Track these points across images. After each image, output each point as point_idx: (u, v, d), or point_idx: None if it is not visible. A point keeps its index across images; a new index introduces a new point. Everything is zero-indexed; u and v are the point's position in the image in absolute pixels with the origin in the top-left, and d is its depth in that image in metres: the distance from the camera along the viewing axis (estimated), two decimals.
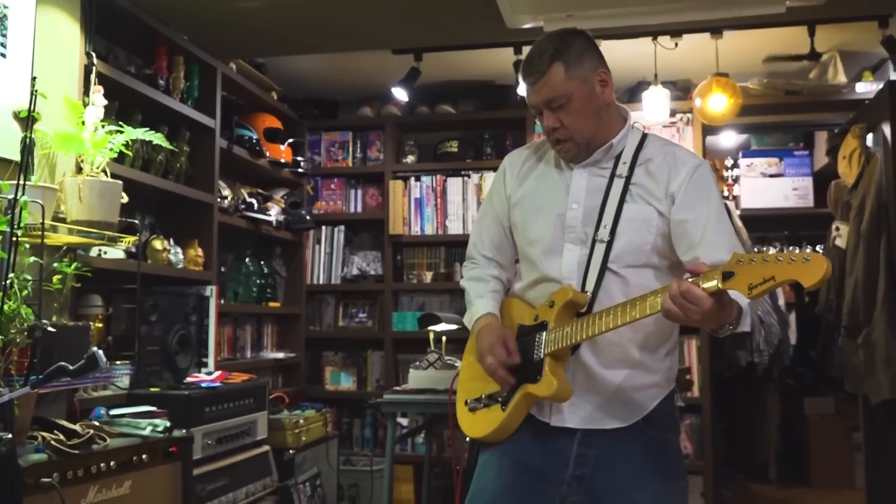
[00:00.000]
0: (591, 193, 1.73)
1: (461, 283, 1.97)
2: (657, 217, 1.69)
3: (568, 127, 1.70)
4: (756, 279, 1.33)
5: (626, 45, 3.75)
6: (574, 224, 1.73)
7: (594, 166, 1.76)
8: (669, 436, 1.75)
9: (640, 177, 1.71)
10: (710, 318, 1.42)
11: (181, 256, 3.23)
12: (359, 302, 4.68)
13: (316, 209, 4.66)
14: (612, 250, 1.67)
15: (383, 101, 4.70)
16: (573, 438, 1.71)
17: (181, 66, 3.27)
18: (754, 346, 5.07)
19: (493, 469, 1.76)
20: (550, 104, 1.69)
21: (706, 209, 1.66)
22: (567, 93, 1.68)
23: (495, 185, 1.92)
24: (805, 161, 5.38)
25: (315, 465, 3.62)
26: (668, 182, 1.69)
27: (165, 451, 2.33)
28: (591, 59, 1.72)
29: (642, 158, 1.73)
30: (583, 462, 1.70)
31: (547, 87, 1.68)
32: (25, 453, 1.91)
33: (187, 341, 3.04)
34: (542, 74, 1.68)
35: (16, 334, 2.03)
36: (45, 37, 2.50)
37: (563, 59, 1.68)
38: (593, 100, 1.71)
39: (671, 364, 1.77)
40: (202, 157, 3.45)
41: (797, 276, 1.31)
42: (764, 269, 1.33)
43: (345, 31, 3.41)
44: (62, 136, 2.45)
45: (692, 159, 1.73)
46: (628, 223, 1.68)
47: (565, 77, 1.67)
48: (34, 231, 2.21)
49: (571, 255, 1.72)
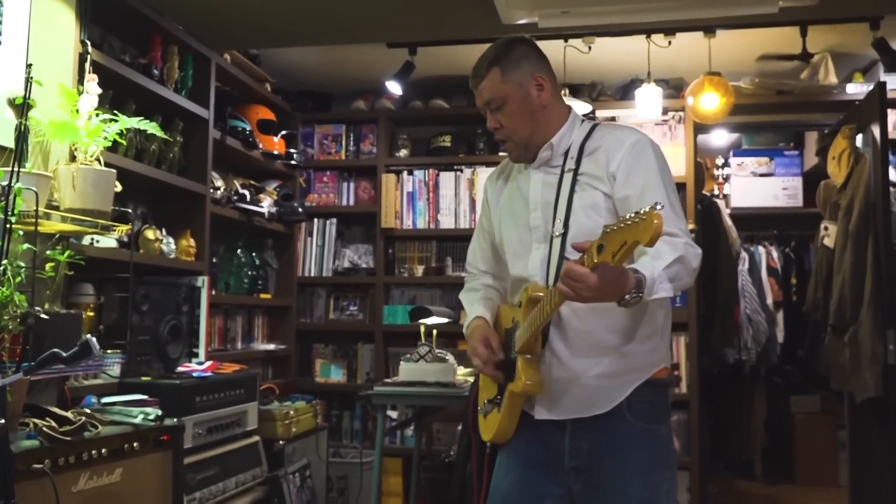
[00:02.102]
0: (546, 192, 1.82)
1: (459, 296, 2.08)
2: (603, 199, 1.74)
3: (506, 127, 1.82)
4: (615, 247, 1.35)
5: (620, 42, 3.78)
6: (537, 224, 1.82)
7: (546, 165, 1.85)
8: (657, 427, 1.77)
9: (586, 165, 1.78)
10: (605, 293, 1.45)
11: (173, 246, 3.23)
12: (350, 295, 4.69)
13: (308, 201, 4.66)
14: (568, 241, 1.73)
15: (377, 95, 4.70)
16: (564, 432, 1.77)
17: (176, 56, 3.27)
18: (742, 344, 5.12)
19: (503, 468, 1.85)
20: (489, 105, 1.82)
21: (642, 182, 1.70)
22: (503, 95, 1.79)
23: (483, 205, 2.05)
24: (795, 161, 5.42)
25: (304, 457, 3.64)
26: (609, 162, 1.74)
27: (156, 440, 2.33)
28: (530, 64, 1.81)
29: (588, 149, 1.80)
30: (577, 455, 1.76)
31: (485, 90, 1.81)
32: (17, 439, 1.91)
33: (178, 331, 3.05)
34: (481, 79, 1.81)
35: (9, 321, 2.04)
36: (40, 24, 2.49)
37: (499, 65, 1.79)
38: (529, 102, 1.80)
39: (654, 346, 1.78)
40: (195, 147, 3.45)
41: (637, 237, 1.32)
42: (621, 234, 1.34)
43: (340, 23, 3.41)
44: (56, 123, 2.45)
45: (630, 136, 1.77)
46: (579, 211, 1.75)
47: (501, 81, 1.79)
48: (28, 218, 2.21)
49: (536, 253, 1.81)
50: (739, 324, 5.09)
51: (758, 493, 5.07)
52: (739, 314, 5.11)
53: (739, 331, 5.09)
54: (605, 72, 4.35)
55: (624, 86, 4.46)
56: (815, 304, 3.96)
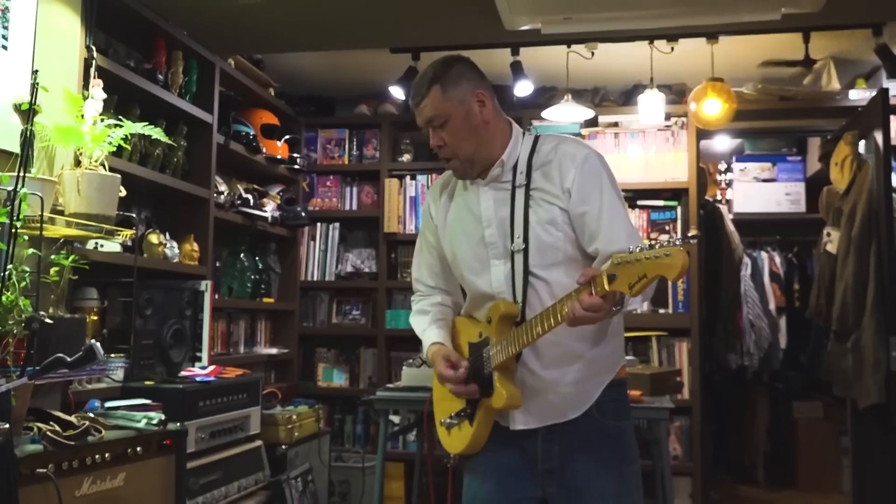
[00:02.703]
0: (499, 208, 1.84)
1: (409, 319, 2.08)
2: (560, 213, 1.78)
3: (450, 145, 1.82)
4: (633, 279, 1.44)
5: (623, 48, 3.78)
6: (493, 241, 1.84)
7: (496, 181, 1.86)
8: (624, 424, 1.86)
9: (538, 181, 1.82)
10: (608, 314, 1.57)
11: (177, 251, 3.24)
12: (352, 299, 4.70)
13: (311, 206, 4.68)
14: (530, 256, 1.78)
15: (380, 100, 4.72)
16: (537, 438, 1.83)
17: (180, 61, 3.28)
18: (744, 350, 5.11)
19: (478, 476, 1.91)
20: (431, 123, 1.82)
21: (599, 199, 1.76)
22: (445, 113, 1.80)
23: (424, 221, 2.05)
24: (798, 167, 5.42)
25: (307, 461, 3.64)
26: (562, 179, 1.78)
27: (160, 444, 2.34)
28: (469, 81, 1.83)
29: (536, 163, 1.83)
30: (549, 457, 1.82)
31: (427, 108, 1.81)
32: (21, 444, 1.92)
33: (181, 335, 3.05)
34: (422, 97, 1.82)
35: (13, 325, 2.04)
36: (45, 30, 2.51)
37: (440, 83, 1.80)
38: (471, 119, 1.81)
39: (614, 348, 1.85)
40: (199, 152, 3.47)
41: (662, 272, 1.40)
42: (637, 268, 1.43)
43: (343, 29, 3.43)
44: (61, 129, 2.46)
45: (580, 152, 1.81)
46: (537, 226, 1.79)
47: (442, 98, 1.80)
48: (33, 223, 2.22)
49: (498, 269, 1.83)
50: (742, 329, 5.09)
51: (760, 498, 5.06)
52: (742, 320, 5.10)
53: (742, 336, 5.09)
54: (608, 77, 4.36)
55: (626, 91, 4.47)
56: (817, 310, 3.96)
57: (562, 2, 2.86)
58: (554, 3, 2.88)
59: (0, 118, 2.31)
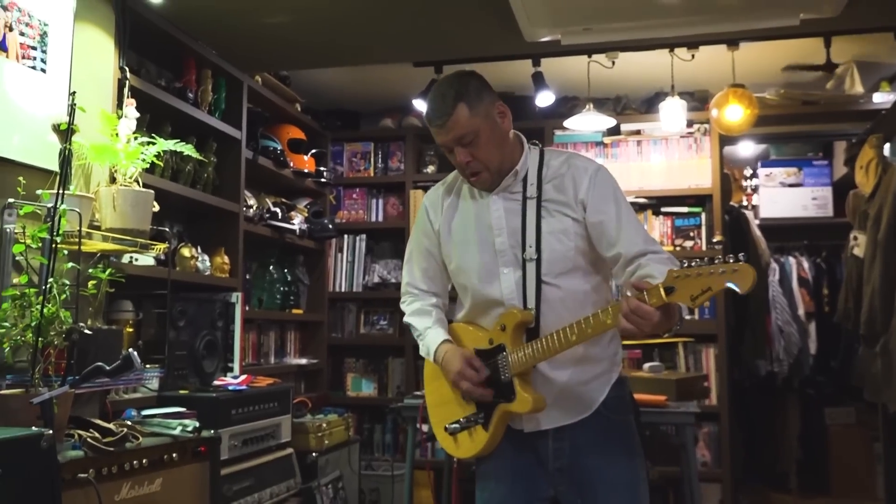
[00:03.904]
0: (511, 218, 1.89)
1: (404, 320, 2.11)
2: (573, 224, 1.85)
3: (479, 159, 1.84)
4: (696, 291, 1.52)
5: (643, 56, 3.81)
6: (503, 249, 1.88)
7: (506, 192, 1.91)
8: (627, 418, 1.92)
9: (550, 193, 1.88)
10: (659, 328, 1.59)
11: (208, 264, 3.32)
12: (380, 309, 4.76)
13: (338, 218, 4.75)
14: (542, 265, 1.83)
15: (404, 113, 4.79)
16: (547, 438, 1.88)
17: (209, 79, 3.38)
18: (773, 356, 5.08)
19: (490, 481, 1.95)
20: (461, 141, 1.83)
21: (614, 207, 1.83)
22: (474, 129, 1.82)
23: (420, 225, 2.06)
24: (824, 171, 5.39)
25: (337, 469, 3.69)
26: (576, 191, 1.85)
27: (194, 451, 2.40)
28: (489, 95, 1.87)
29: (547, 176, 1.89)
30: (559, 455, 1.88)
31: (456, 126, 1.81)
32: (63, 450, 1.99)
33: (214, 346, 3.13)
34: (448, 116, 1.81)
35: (55, 336, 2.12)
36: (81, 52, 2.61)
37: (465, 100, 1.81)
38: (497, 131, 1.86)
39: (615, 349, 1.93)
40: (228, 167, 3.56)
41: (731, 285, 1.48)
42: (700, 281, 1.51)
43: (367, 44, 3.50)
44: (97, 147, 2.56)
45: (590, 165, 1.89)
46: (550, 237, 1.85)
47: (470, 115, 1.81)
48: (72, 238, 2.31)
49: (508, 277, 1.87)
50: (771, 335, 5.06)
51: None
52: (770, 326, 5.07)
53: (771, 342, 5.06)
54: (630, 85, 4.39)
55: (648, 99, 4.49)
56: (845, 314, 3.93)
57: (580, 13, 2.90)
58: (573, 14, 2.92)
59: (40, 138, 2.41)
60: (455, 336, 1.99)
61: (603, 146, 4.44)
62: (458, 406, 1.94)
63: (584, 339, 1.72)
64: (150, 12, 2.92)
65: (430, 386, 2.05)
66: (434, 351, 1.96)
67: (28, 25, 2.38)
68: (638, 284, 1.59)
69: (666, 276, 1.55)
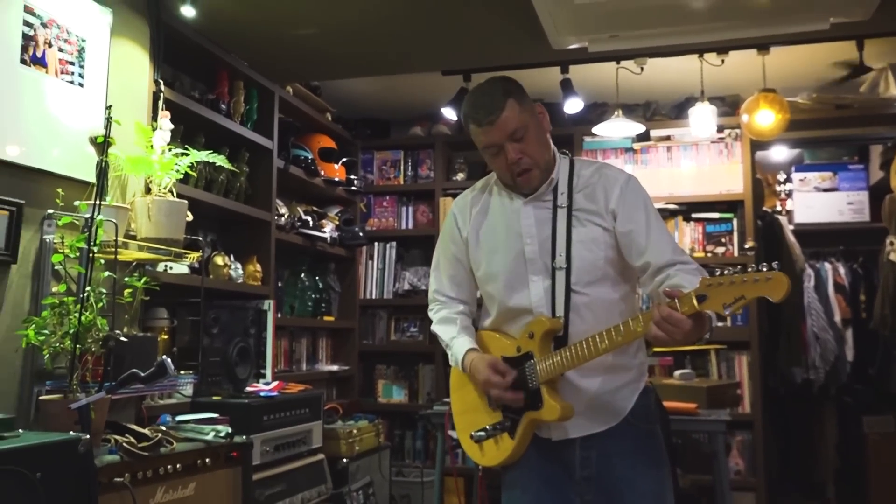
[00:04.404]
0: (541, 226, 1.90)
1: (432, 328, 2.13)
2: (603, 233, 1.87)
3: (530, 155, 1.87)
4: (728, 299, 1.53)
5: (672, 62, 3.80)
6: (533, 257, 1.89)
7: (537, 200, 1.92)
8: (653, 427, 1.92)
9: (581, 202, 1.89)
10: (690, 336, 1.60)
11: (241, 272, 3.38)
12: (410, 316, 4.79)
13: (368, 226, 4.80)
14: (572, 273, 1.84)
15: (433, 121, 4.82)
16: (574, 446, 1.88)
17: (241, 90, 3.44)
18: (809, 363, 5.00)
19: (517, 490, 1.95)
20: (514, 136, 1.85)
21: (644, 217, 1.86)
22: (524, 124, 1.85)
23: (448, 232, 2.07)
24: (860, 175, 5.29)
25: (368, 475, 3.72)
26: (607, 201, 1.87)
27: (227, 456, 2.45)
28: (528, 95, 1.91)
29: (578, 185, 1.91)
30: (587, 464, 1.88)
31: (508, 121, 1.84)
32: (100, 454, 2.05)
33: (246, 353, 3.18)
34: (501, 111, 1.84)
35: (92, 343, 2.18)
36: (117, 66, 2.68)
37: (514, 96, 1.86)
38: (541, 129, 1.91)
39: (642, 359, 1.95)
40: (261, 176, 3.62)
41: (765, 293, 1.49)
42: (734, 289, 1.52)
43: (396, 54, 3.54)
44: (133, 159, 2.62)
45: (621, 175, 1.92)
46: (580, 245, 1.86)
47: (520, 110, 1.85)
48: (108, 247, 2.37)
49: (537, 285, 1.88)
50: (806, 342, 4.98)
51: None
52: (806, 332, 4.99)
53: (806, 349, 4.98)
54: (659, 91, 4.37)
55: (679, 104, 4.47)
56: (882, 320, 3.87)
57: (607, 20, 2.90)
58: (599, 21, 2.92)
59: (78, 151, 2.48)
60: (482, 344, 2.00)
61: (632, 152, 4.43)
62: (483, 414, 1.95)
63: (614, 347, 1.73)
64: (184, 26, 2.99)
65: (457, 394, 2.06)
66: (461, 360, 1.97)
67: (67, 42, 2.45)
68: (670, 293, 1.61)
69: (698, 285, 1.57)
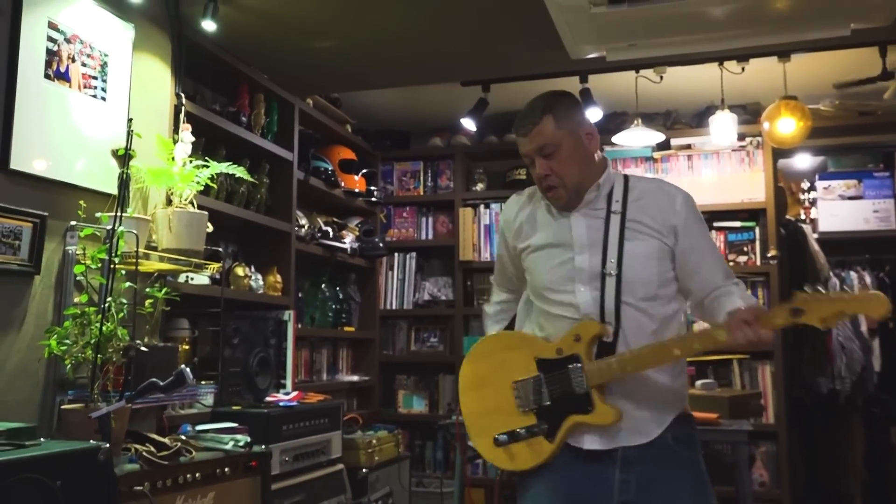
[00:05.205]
0: (592, 234, 1.89)
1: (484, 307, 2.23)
2: (660, 248, 1.86)
3: (557, 173, 1.87)
4: (827, 313, 1.62)
5: (693, 70, 3.79)
6: (583, 267, 1.87)
7: (587, 208, 1.91)
8: (697, 456, 1.87)
9: (635, 213, 1.88)
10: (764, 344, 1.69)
11: (261, 282, 3.41)
12: (430, 326, 4.79)
13: (389, 237, 4.82)
14: (623, 284, 1.83)
15: (453, 132, 4.84)
16: (614, 465, 1.81)
17: (262, 103, 3.48)
18: (835, 373, 4.92)
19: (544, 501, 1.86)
20: (542, 151, 1.86)
21: (704, 238, 1.90)
22: (556, 141, 1.85)
23: (501, 233, 2.11)
24: (886, 182, 5.21)
25: (387, 485, 3.72)
26: (666, 215, 1.87)
27: (246, 466, 2.46)
28: (579, 114, 1.92)
29: (633, 196, 1.90)
30: (626, 488, 1.80)
31: (539, 136, 1.86)
32: (120, 463, 2.07)
33: (267, 363, 3.20)
34: (534, 125, 1.87)
35: (112, 353, 2.21)
36: (139, 80, 2.72)
37: (552, 113, 1.87)
38: (580, 149, 1.88)
39: (683, 383, 1.94)
40: (281, 188, 3.65)
41: (864, 310, 1.61)
42: (833, 305, 1.62)
43: (415, 65, 3.56)
44: (154, 171, 2.66)
45: (679, 192, 1.92)
46: (633, 260, 1.84)
47: (555, 127, 1.86)
48: (129, 258, 2.41)
49: (585, 293, 1.86)
50: (832, 352, 4.90)
51: None
52: (832, 342, 4.92)
53: (832, 359, 4.90)
54: (680, 100, 4.35)
55: (699, 113, 4.44)
56: None
57: (624, 29, 2.90)
58: (617, 30, 2.91)
59: (101, 163, 2.52)
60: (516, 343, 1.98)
61: (653, 161, 4.41)
62: (509, 416, 1.89)
63: (689, 353, 1.76)
64: (205, 40, 3.03)
65: (474, 393, 1.98)
66: None
67: (90, 56, 2.50)
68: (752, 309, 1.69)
69: (794, 298, 1.65)
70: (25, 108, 2.26)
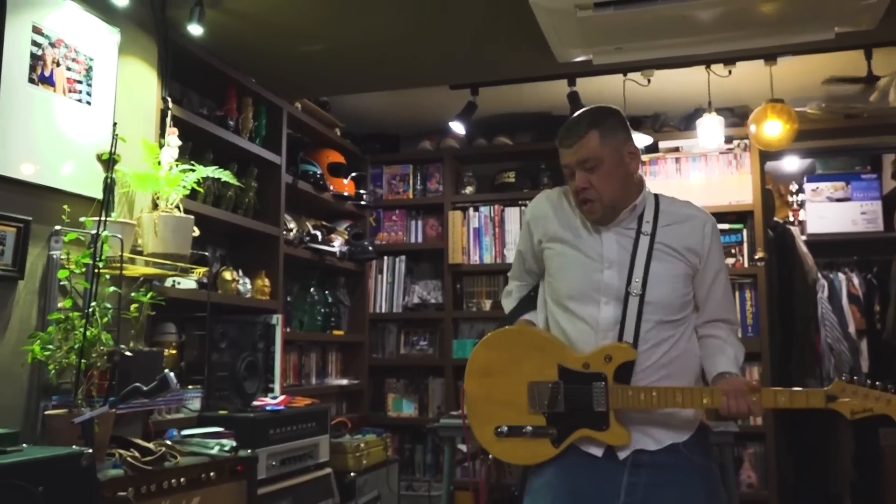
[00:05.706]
0: (621, 252, 1.89)
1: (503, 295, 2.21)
2: (685, 271, 1.90)
3: (596, 188, 1.87)
4: (858, 407, 1.75)
5: (680, 73, 3.80)
6: (610, 282, 1.87)
7: (619, 226, 1.92)
8: (709, 464, 1.87)
9: (664, 235, 1.90)
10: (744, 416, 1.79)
11: (249, 286, 3.40)
12: (420, 330, 4.79)
13: (378, 240, 4.82)
14: (646, 304, 1.84)
15: (442, 135, 4.84)
16: (623, 467, 1.81)
17: (250, 107, 3.47)
18: (824, 375, 4.94)
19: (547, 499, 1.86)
20: (584, 164, 1.88)
21: (721, 268, 1.95)
22: (599, 157, 1.87)
23: (525, 228, 2.08)
24: (873, 184, 5.25)
25: (376, 489, 3.72)
26: (691, 239, 1.91)
27: (232, 470, 2.45)
28: (624, 133, 1.93)
29: (663, 221, 1.91)
30: (633, 490, 1.80)
31: (583, 149, 1.87)
32: (104, 468, 2.06)
33: (255, 368, 3.19)
34: (579, 138, 1.88)
35: (97, 358, 2.21)
36: (125, 84, 2.71)
37: (598, 128, 1.88)
38: (621, 167, 1.89)
39: None
40: (269, 192, 3.64)
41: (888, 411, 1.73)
42: (865, 401, 1.75)
43: (403, 69, 3.56)
44: (140, 175, 2.65)
45: (704, 217, 1.96)
46: (657, 280, 1.86)
47: (600, 143, 1.87)
48: (114, 263, 2.40)
49: (608, 309, 1.86)
50: (820, 354, 4.93)
51: None
52: (820, 344, 4.95)
53: (820, 361, 4.93)
54: (668, 103, 4.37)
55: (687, 116, 4.46)
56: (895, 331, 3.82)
57: (611, 33, 2.90)
58: (603, 34, 2.92)
59: (86, 168, 2.51)
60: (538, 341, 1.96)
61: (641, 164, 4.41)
62: (518, 412, 1.87)
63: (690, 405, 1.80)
64: (192, 44, 3.03)
65: (483, 380, 1.95)
66: None
67: (75, 61, 2.49)
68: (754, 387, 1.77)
69: (832, 385, 1.76)
70: (9, 112, 2.25)
